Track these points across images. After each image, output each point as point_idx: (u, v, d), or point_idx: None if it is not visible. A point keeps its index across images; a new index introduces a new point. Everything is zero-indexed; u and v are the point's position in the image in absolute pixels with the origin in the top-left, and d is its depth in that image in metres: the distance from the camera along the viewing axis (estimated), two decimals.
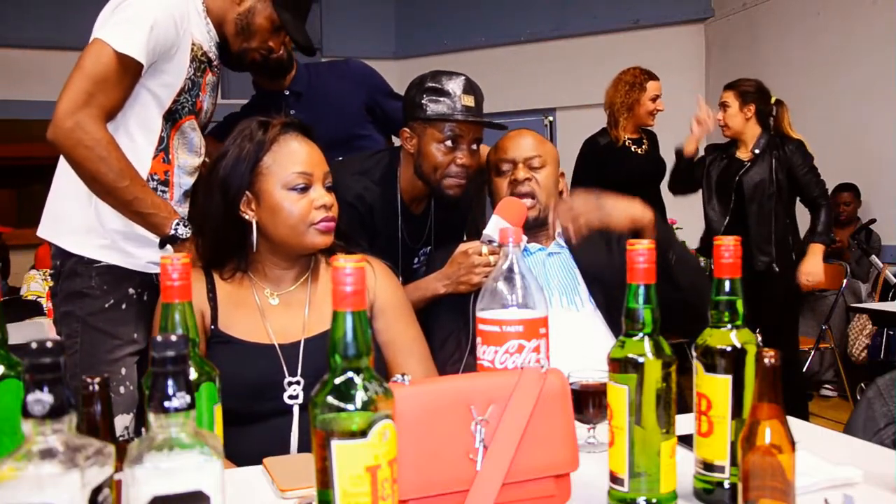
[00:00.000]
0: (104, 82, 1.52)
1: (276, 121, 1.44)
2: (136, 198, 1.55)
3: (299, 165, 1.41)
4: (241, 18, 1.77)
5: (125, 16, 1.55)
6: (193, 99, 1.71)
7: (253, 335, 1.42)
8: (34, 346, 0.64)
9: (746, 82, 3.58)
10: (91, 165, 1.51)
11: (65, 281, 1.68)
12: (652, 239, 1.54)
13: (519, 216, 1.60)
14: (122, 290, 1.68)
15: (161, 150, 1.67)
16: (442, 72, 1.86)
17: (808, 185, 3.48)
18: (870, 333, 4.39)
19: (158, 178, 1.68)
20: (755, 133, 3.53)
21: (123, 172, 1.53)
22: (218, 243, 1.46)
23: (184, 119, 1.71)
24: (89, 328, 1.66)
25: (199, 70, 1.70)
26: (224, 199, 1.42)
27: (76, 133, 1.49)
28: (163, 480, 0.66)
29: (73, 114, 1.49)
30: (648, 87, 3.60)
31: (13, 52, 5.98)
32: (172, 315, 0.89)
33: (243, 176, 1.41)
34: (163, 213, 1.58)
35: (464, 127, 1.81)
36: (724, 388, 0.96)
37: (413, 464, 0.86)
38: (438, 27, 6.90)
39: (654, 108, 3.62)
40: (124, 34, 1.53)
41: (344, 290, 0.73)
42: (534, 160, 1.76)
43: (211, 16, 1.75)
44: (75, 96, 1.50)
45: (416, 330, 1.56)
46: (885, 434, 1.43)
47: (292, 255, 1.46)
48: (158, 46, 1.58)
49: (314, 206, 1.41)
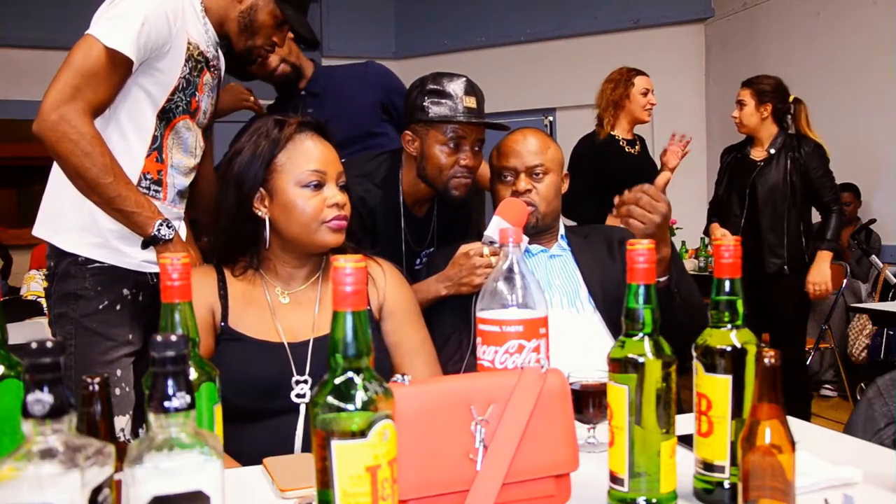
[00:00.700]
0: (92, 77, 1.51)
1: (292, 119, 1.46)
2: (119, 195, 1.53)
3: (313, 163, 1.42)
4: (243, 16, 1.77)
5: (116, 12, 1.55)
6: (188, 98, 1.69)
7: (263, 333, 1.43)
8: (34, 346, 0.64)
9: (765, 80, 3.51)
10: (75, 160, 1.49)
11: (59, 282, 1.67)
12: (663, 274, 1.54)
13: (520, 217, 1.60)
14: (115, 291, 1.67)
15: (154, 149, 1.66)
16: (443, 73, 1.86)
17: (822, 188, 3.42)
18: (870, 333, 4.39)
19: (151, 177, 1.66)
20: (771, 132, 3.48)
21: (107, 168, 1.51)
22: (231, 239, 1.47)
23: (178, 118, 1.69)
24: (83, 330, 1.64)
25: (195, 69, 1.69)
26: (238, 195, 1.43)
27: (61, 126, 1.48)
28: (163, 480, 0.66)
29: (59, 107, 1.48)
30: (636, 81, 3.56)
31: (13, 52, 5.98)
32: (172, 315, 0.89)
33: (258, 172, 1.42)
34: (146, 212, 1.57)
35: (466, 128, 1.80)
36: (724, 388, 0.96)
37: (413, 464, 0.86)
38: (438, 27, 6.90)
39: (647, 101, 3.56)
40: (114, 30, 1.52)
41: (344, 290, 0.73)
42: (536, 168, 1.74)
43: (210, 15, 1.74)
44: (62, 90, 1.49)
45: (424, 332, 1.56)
46: (885, 434, 1.43)
47: (304, 253, 1.47)
48: (150, 43, 1.57)
49: (327, 205, 1.42)
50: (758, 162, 3.49)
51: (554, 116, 6.58)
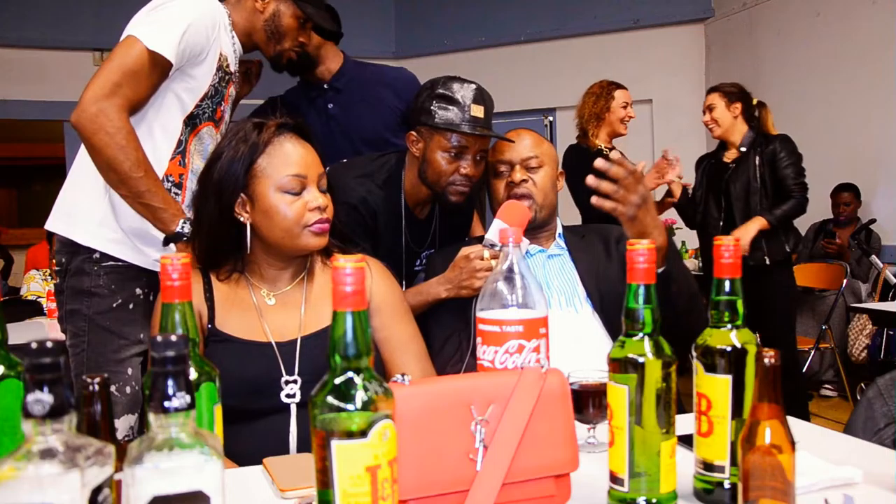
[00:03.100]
0: (132, 75, 1.56)
1: (270, 122, 1.44)
2: (148, 190, 1.57)
3: (293, 168, 1.41)
4: (268, 24, 1.84)
5: (159, 16, 1.61)
6: (214, 106, 1.75)
7: (250, 334, 1.42)
8: (34, 346, 0.64)
9: (729, 84, 3.68)
10: (109, 152, 1.54)
11: (71, 278, 1.69)
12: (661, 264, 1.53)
13: (521, 219, 1.60)
14: (129, 289, 1.70)
15: (179, 152, 1.70)
16: (454, 78, 1.84)
17: (786, 178, 3.48)
18: (870, 333, 4.39)
19: (173, 179, 1.70)
20: (742, 131, 3.60)
21: (139, 163, 1.56)
22: (214, 245, 1.46)
23: (203, 125, 1.74)
24: (96, 327, 1.67)
25: (223, 80, 1.75)
26: (219, 202, 1.42)
27: (99, 119, 1.53)
28: (163, 480, 0.66)
29: (99, 101, 1.53)
30: (616, 95, 3.66)
31: (13, 52, 5.97)
32: (172, 315, 0.89)
33: (238, 178, 1.40)
34: (172, 209, 1.60)
35: (470, 138, 1.79)
36: (724, 388, 0.96)
37: (413, 464, 0.86)
38: (438, 27, 6.90)
39: (626, 114, 3.66)
40: (157, 33, 1.58)
41: (344, 290, 0.73)
42: (531, 161, 1.76)
43: (237, 29, 1.81)
44: (103, 84, 1.54)
45: (412, 328, 1.56)
46: (885, 434, 1.43)
47: (287, 256, 1.46)
48: (188, 49, 1.62)
49: (308, 209, 1.40)
50: (730, 164, 3.61)
51: (554, 116, 6.58)
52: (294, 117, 1.48)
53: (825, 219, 5.00)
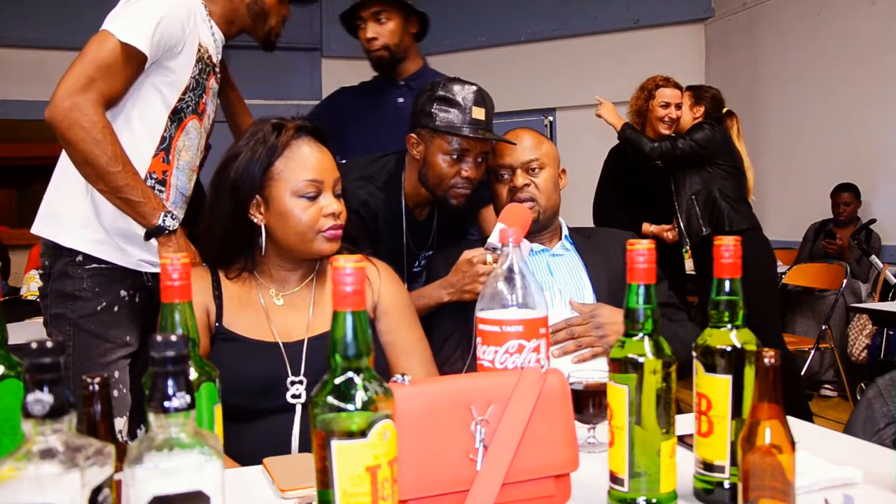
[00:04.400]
0: (106, 69, 1.54)
1: (290, 124, 1.44)
2: (126, 184, 1.54)
3: (310, 172, 1.41)
4: (252, 5, 1.82)
5: (132, 10, 1.59)
6: (197, 99, 1.72)
7: (257, 333, 1.43)
8: (34, 346, 0.64)
9: (705, 88, 3.66)
10: (85, 147, 1.51)
11: (55, 282, 1.67)
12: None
13: (523, 222, 1.59)
14: (113, 292, 1.67)
15: (162, 149, 1.68)
16: (454, 79, 1.84)
17: (677, 138, 3.39)
18: (870, 333, 4.39)
19: (157, 177, 1.67)
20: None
21: (117, 157, 1.53)
22: (225, 244, 1.46)
23: (188, 118, 1.72)
24: (81, 331, 1.65)
25: (203, 72, 1.72)
26: (234, 202, 1.42)
27: (73, 113, 1.50)
28: (163, 480, 0.66)
29: (72, 95, 1.50)
30: (658, 94, 3.57)
31: (13, 52, 5.97)
32: (172, 315, 0.89)
33: (254, 180, 1.41)
34: (152, 202, 1.58)
35: (471, 141, 1.78)
36: (724, 388, 0.96)
37: (413, 464, 0.86)
38: (438, 27, 6.83)
39: (666, 114, 3.55)
40: (130, 26, 1.56)
41: (344, 290, 0.73)
42: (532, 163, 1.75)
43: (215, 18, 1.77)
44: (76, 79, 1.52)
45: (419, 332, 1.56)
46: (885, 434, 1.43)
47: (298, 258, 1.47)
48: (163, 41, 1.60)
49: (323, 214, 1.41)
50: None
51: (554, 116, 6.58)
52: (312, 121, 1.48)
53: (825, 219, 5.00)
